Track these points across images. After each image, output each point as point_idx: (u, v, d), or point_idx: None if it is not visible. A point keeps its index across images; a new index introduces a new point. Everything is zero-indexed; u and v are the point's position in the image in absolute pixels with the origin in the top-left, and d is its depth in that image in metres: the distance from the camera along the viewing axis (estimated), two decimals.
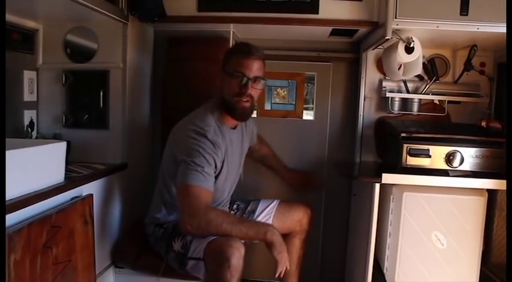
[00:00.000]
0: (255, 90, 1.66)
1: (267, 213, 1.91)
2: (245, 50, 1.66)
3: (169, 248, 1.63)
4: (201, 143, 1.55)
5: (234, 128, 1.76)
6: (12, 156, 1.20)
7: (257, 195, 2.16)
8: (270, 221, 1.88)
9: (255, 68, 1.64)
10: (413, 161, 1.89)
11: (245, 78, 1.63)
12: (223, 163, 1.65)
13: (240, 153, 1.84)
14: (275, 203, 1.95)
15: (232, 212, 1.93)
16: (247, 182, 2.48)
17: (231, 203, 1.99)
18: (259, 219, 1.89)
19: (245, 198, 2.07)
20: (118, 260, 1.85)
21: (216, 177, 1.63)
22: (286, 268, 1.57)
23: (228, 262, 1.37)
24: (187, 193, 1.50)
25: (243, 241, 1.50)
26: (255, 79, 1.65)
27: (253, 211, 1.93)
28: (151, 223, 1.75)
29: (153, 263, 1.70)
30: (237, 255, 1.39)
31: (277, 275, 1.57)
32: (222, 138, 1.63)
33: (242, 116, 1.71)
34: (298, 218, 1.93)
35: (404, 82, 2.27)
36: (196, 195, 1.49)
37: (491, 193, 2.00)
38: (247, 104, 1.66)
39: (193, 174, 1.50)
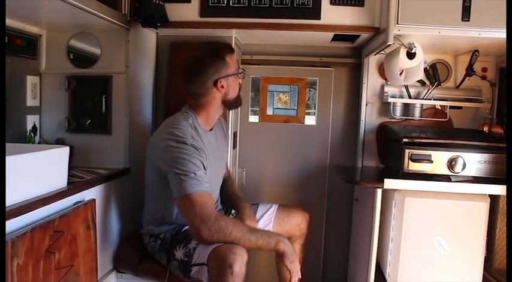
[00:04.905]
0: None
1: (266, 218, 1.90)
2: (229, 48, 1.73)
3: (171, 257, 1.62)
4: (183, 149, 1.53)
5: (211, 130, 1.75)
6: (15, 162, 1.20)
7: (255, 199, 2.16)
8: (270, 226, 1.88)
9: None
10: (415, 167, 1.90)
11: (244, 71, 1.77)
12: (207, 165, 1.64)
13: (220, 151, 1.84)
14: (274, 207, 1.94)
15: (230, 216, 1.92)
16: (246, 186, 2.51)
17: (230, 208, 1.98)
18: (259, 224, 1.87)
19: None
20: (120, 265, 1.85)
21: None
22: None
23: (230, 269, 1.37)
24: (189, 203, 1.49)
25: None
26: None
27: None
28: (147, 234, 1.75)
29: (155, 269, 1.70)
30: (239, 262, 1.39)
31: None
32: (201, 142, 1.62)
33: (241, 102, 1.83)
34: (297, 223, 1.92)
35: (406, 87, 2.27)
36: (199, 202, 1.49)
37: (494, 198, 2.01)
38: None
39: (187, 182, 1.49)
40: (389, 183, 1.85)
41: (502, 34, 1.77)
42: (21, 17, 1.77)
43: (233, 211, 1.95)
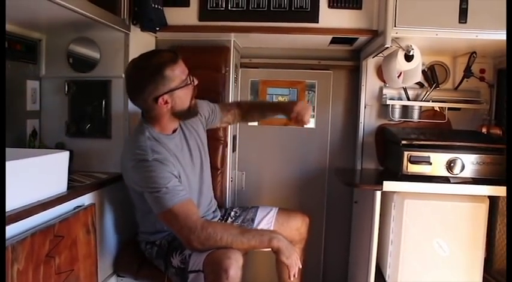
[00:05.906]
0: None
1: (266, 222, 1.89)
2: (170, 59, 1.53)
3: (168, 264, 1.62)
4: (147, 167, 1.50)
5: (174, 131, 1.69)
6: (15, 166, 1.21)
7: (255, 202, 2.16)
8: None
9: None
10: (414, 168, 1.90)
11: (193, 79, 1.60)
12: (180, 170, 1.62)
13: (197, 148, 1.77)
14: (274, 211, 1.93)
15: (230, 219, 1.92)
16: (245, 189, 2.51)
17: (229, 211, 1.98)
18: (259, 228, 1.86)
19: (243, 205, 2.06)
20: (120, 269, 1.85)
21: None
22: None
23: (226, 273, 1.37)
24: (172, 216, 1.48)
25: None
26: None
27: (252, 219, 1.91)
28: (143, 241, 1.75)
29: (154, 273, 1.69)
30: (235, 266, 1.39)
31: (292, 278, 1.57)
32: (165, 151, 1.58)
33: (197, 109, 1.68)
34: (296, 227, 1.91)
35: (405, 89, 2.28)
36: (181, 213, 1.47)
37: (493, 199, 2.01)
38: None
39: (163, 198, 1.47)
40: (388, 186, 1.85)
41: (499, 36, 1.78)
42: (21, 22, 1.78)
43: (232, 213, 1.95)
